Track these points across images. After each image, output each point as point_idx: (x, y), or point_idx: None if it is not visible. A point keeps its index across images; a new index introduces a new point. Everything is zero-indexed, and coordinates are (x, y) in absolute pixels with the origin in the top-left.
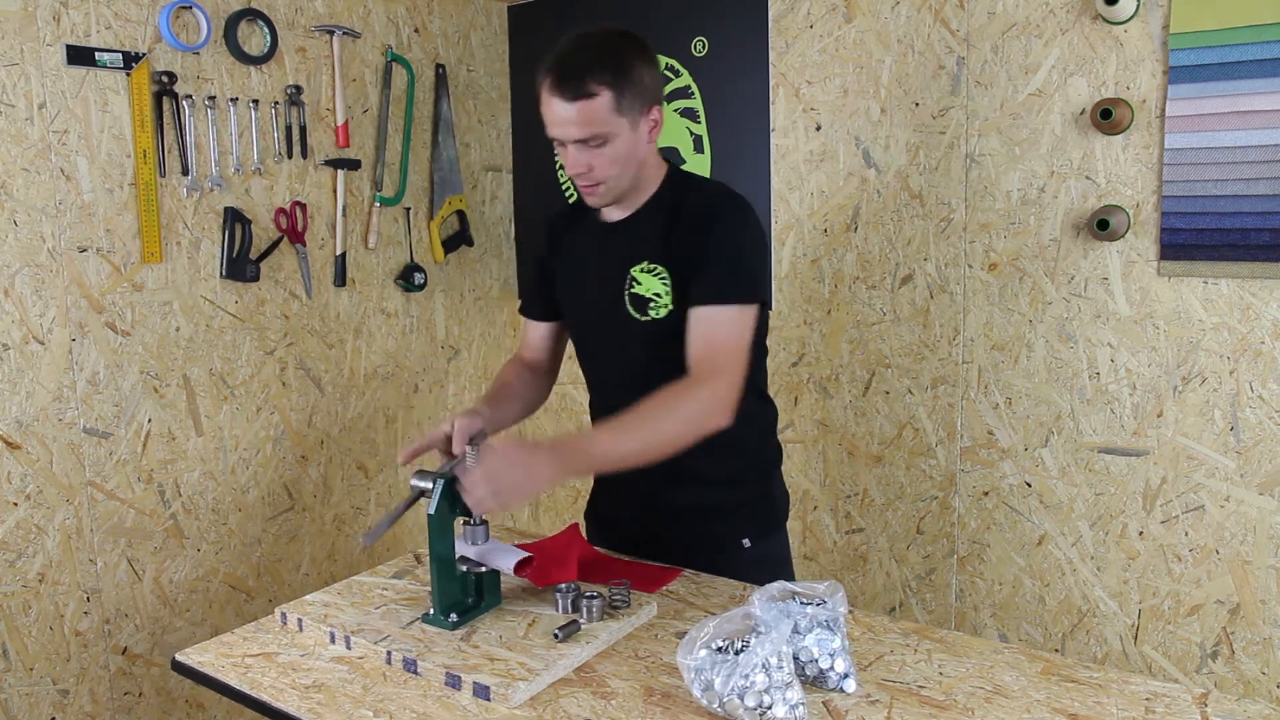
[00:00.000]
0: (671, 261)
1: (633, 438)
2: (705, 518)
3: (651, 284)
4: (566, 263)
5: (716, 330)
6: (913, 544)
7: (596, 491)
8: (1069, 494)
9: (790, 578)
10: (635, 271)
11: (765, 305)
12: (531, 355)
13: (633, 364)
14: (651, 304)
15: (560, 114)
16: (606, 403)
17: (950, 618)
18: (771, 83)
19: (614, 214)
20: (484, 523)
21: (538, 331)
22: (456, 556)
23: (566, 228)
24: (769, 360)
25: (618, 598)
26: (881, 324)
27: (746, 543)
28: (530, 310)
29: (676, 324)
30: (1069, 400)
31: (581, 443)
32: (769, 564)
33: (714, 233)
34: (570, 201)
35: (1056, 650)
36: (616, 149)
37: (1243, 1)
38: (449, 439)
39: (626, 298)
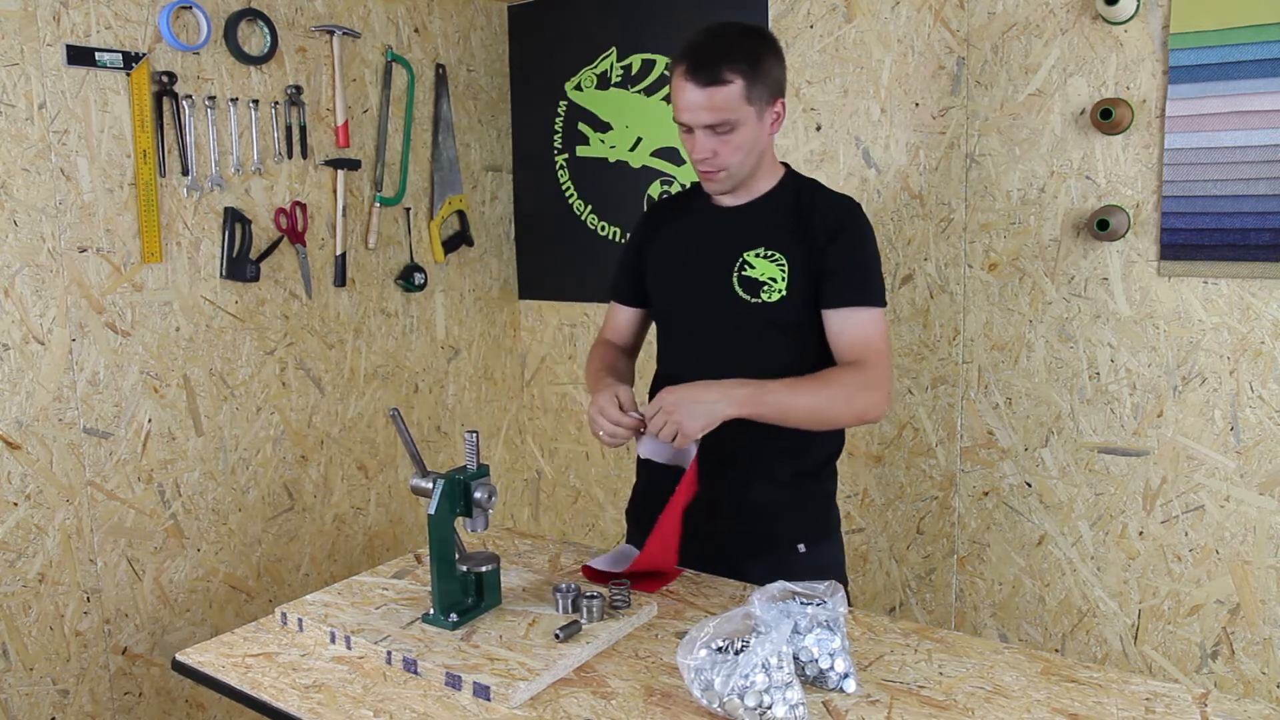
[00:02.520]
0: (794, 253)
1: (805, 396)
2: (765, 519)
3: (767, 268)
4: (666, 246)
5: (865, 329)
6: (913, 544)
7: (641, 494)
8: (1069, 494)
9: (845, 581)
10: (749, 256)
11: None
12: (618, 339)
13: (731, 347)
14: (765, 288)
15: (692, 99)
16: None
17: (950, 618)
18: None
19: (729, 200)
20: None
21: (627, 316)
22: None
23: (669, 214)
24: None
25: (618, 598)
26: None
27: (801, 548)
28: (622, 295)
29: (786, 310)
30: (1069, 400)
31: (758, 386)
32: (823, 570)
33: (852, 238)
34: (647, 198)
35: (1056, 650)
36: (742, 136)
37: (1242, 1)
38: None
39: (736, 280)
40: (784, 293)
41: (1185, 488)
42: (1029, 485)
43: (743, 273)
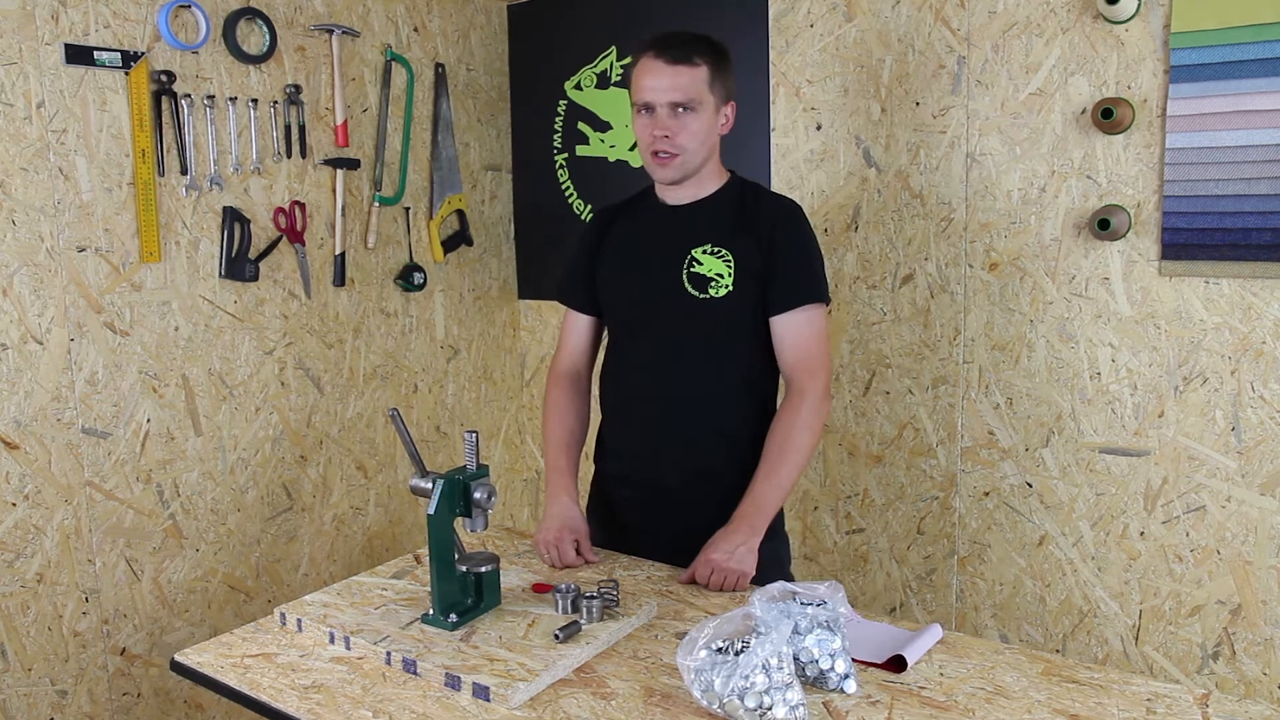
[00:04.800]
0: (740, 249)
1: (787, 475)
2: (714, 515)
3: (714, 265)
4: (617, 246)
5: (807, 331)
6: (913, 544)
7: (598, 487)
8: (1070, 494)
9: (789, 578)
10: (696, 252)
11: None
12: (573, 359)
13: (680, 342)
14: (712, 283)
15: (659, 78)
16: (630, 382)
17: (951, 618)
18: (772, 82)
19: (677, 199)
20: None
21: (585, 325)
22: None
23: (618, 218)
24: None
25: (608, 596)
26: (882, 324)
27: None
28: (578, 301)
29: (732, 305)
30: (1070, 400)
31: (757, 509)
32: (772, 564)
33: (793, 240)
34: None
35: (1057, 651)
36: (700, 123)
37: (1244, 1)
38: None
39: (685, 276)
40: (730, 288)
41: (1186, 488)
42: (1030, 485)
43: (691, 269)
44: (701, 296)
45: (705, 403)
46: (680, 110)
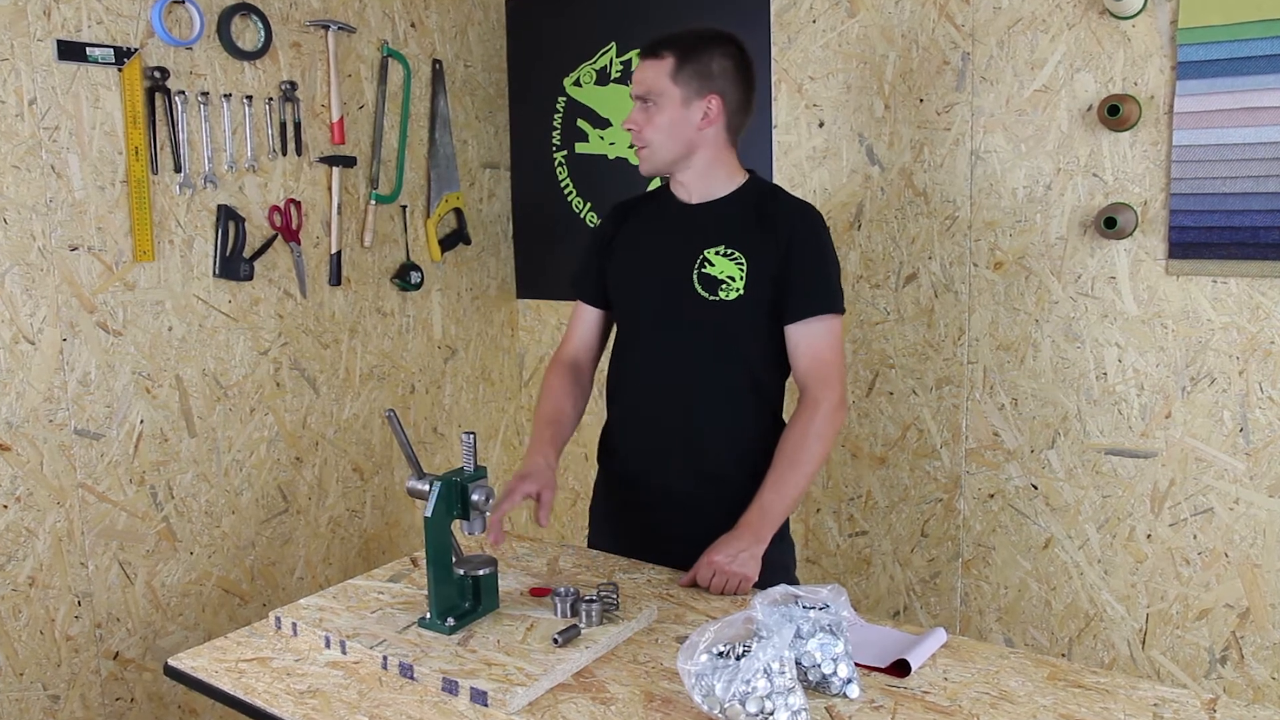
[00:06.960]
0: (754, 253)
1: (795, 483)
2: (720, 519)
3: (726, 266)
4: (629, 242)
5: (822, 340)
6: (917, 547)
7: (600, 489)
8: (1075, 496)
9: (794, 583)
10: (709, 253)
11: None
12: (576, 350)
13: (687, 342)
14: (723, 285)
15: (635, 73)
16: (638, 382)
17: (955, 622)
18: (773, 78)
19: (693, 198)
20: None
21: (593, 318)
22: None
23: (634, 210)
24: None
25: (607, 599)
26: (885, 323)
27: None
28: (587, 292)
29: (742, 309)
30: (1076, 401)
31: (763, 516)
32: (777, 570)
33: (811, 246)
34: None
35: (1063, 655)
36: (663, 115)
37: None
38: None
39: (696, 276)
40: (741, 291)
41: (1194, 490)
42: (1035, 487)
43: (702, 270)
44: (711, 298)
45: (713, 405)
46: (645, 104)
